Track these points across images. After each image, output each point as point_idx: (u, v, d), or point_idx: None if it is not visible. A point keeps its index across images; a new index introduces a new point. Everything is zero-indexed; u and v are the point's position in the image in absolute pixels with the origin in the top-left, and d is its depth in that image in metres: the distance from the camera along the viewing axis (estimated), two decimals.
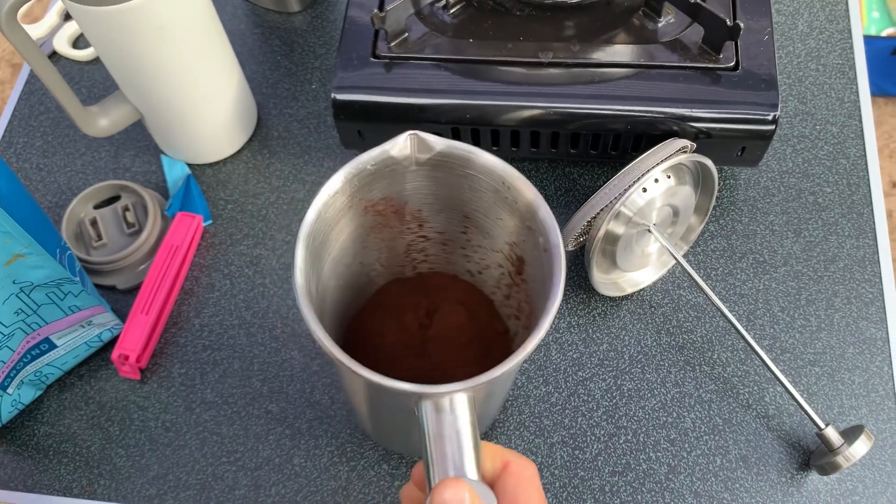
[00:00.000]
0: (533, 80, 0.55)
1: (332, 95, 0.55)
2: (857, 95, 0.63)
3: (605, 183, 0.51)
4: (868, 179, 0.60)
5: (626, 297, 0.57)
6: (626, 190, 0.50)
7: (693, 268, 0.57)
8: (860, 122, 0.62)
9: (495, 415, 0.53)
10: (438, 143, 0.39)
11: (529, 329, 0.35)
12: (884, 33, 1.46)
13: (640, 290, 0.57)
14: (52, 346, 0.52)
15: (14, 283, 0.46)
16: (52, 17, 0.71)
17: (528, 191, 0.38)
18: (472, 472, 0.32)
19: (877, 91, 1.50)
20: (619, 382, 0.54)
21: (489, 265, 0.47)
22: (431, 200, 0.43)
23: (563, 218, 0.59)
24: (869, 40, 1.44)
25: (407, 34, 0.57)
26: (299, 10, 0.70)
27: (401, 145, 0.39)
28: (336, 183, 0.38)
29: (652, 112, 0.53)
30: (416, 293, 0.50)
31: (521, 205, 0.39)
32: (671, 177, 0.51)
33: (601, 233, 0.51)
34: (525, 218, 0.39)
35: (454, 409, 0.33)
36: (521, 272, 0.43)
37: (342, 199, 0.39)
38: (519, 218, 0.40)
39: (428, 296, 0.50)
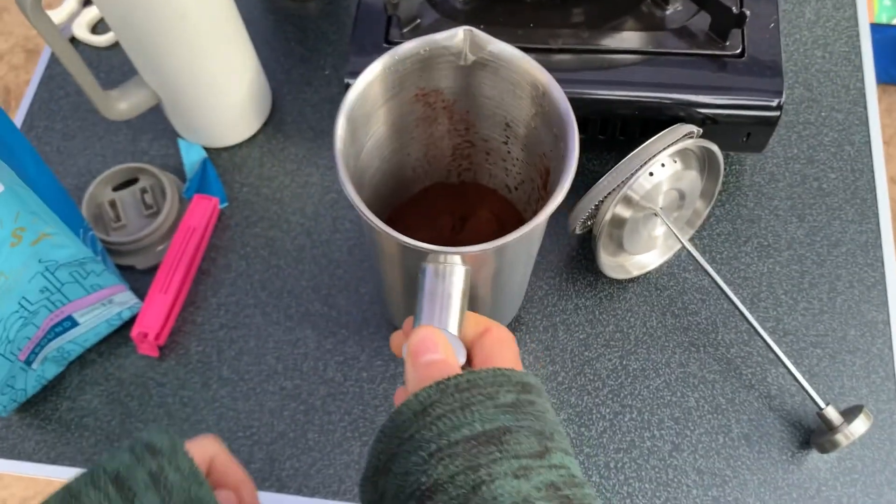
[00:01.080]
0: (543, 66, 0.56)
1: (345, 80, 0.56)
2: (863, 83, 0.64)
3: (613, 167, 0.52)
4: (872, 166, 0.61)
5: (632, 280, 0.58)
6: (633, 174, 0.51)
7: (698, 251, 0.58)
8: (865, 109, 0.63)
9: (513, 311, 0.55)
10: (491, 42, 0.41)
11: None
12: (894, 21, 1.45)
13: (646, 272, 0.58)
14: (75, 324, 0.54)
15: (40, 261, 0.48)
16: (72, 2, 0.73)
17: (555, 93, 0.41)
18: (453, 328, 0.37)
19: (888, 79, 1.50)
20: (624, 362, 0.56)
21: (524, 179, 0.49)
22: (479, 104, 0.46)
23: (572, 202, 0.60)
24: (879, 28, 1.44)
25: (419, 20, 0.58)
26: None
27: (454, 36, 0.41)
28: (387, 59, 0.41)
29: (659, 98, 0.54)
30: (454, 198, 0.54)
31: (549, 110, 0.41)
32: (678, 161, 0.53)
33: (608, 216, 0.52)
34: (552, 125, 0.41)
35: (449, 275, 0.37)
36: (546, 185, 0.46)
37: (392, 78, 0.42)
38: (548, 125, 0.42)
39: (465, 203, 0.54)
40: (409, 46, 0.41)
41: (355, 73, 0.56)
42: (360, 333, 0.58)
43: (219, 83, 0.59)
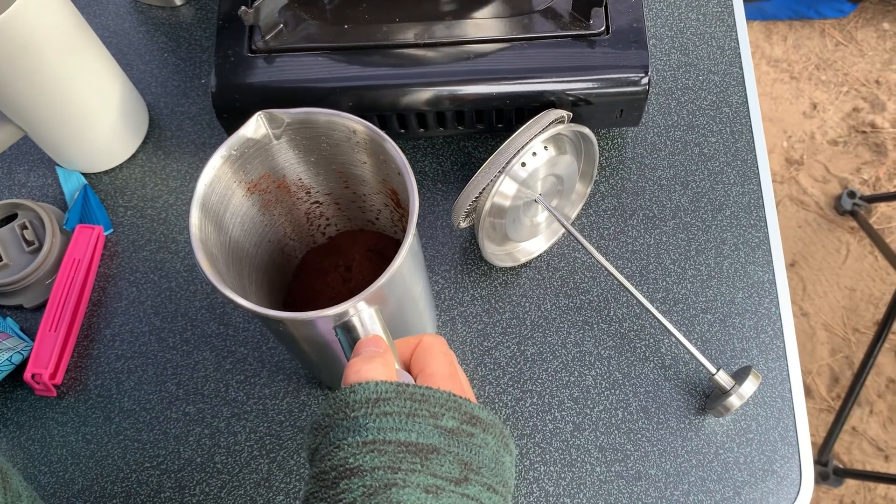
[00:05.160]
0: (410, 61, 0.55)
1: (212, 97, 0.55)
2: (738, 42, 0.64)
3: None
4: (750, 126, 0.62)
5: (525, 265, 0.59)
6: (504, 166, 0.51)
7: (584, 230, 0.59)
8: (741, 68, 0.64)
9: (433, 318, 0.56)
10: (286, 113, 0.42)
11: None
12: None
13: (536, 258, 0.58)
14: None
15: None
16: None
17: (363, 128, 0.42)
18: None
19: (793, 15, 1.52)
20: (522, 348, 0.56)
21: (380, 208, 0.50)
22: (305, 167, 0.47)
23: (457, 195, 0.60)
24: None
25: (282, 25, 0.56)
26: (182, 2, 0.69)
27: (254, 126, 0.42)
28: (209, 173, 0.41)
29: (528, 86, 0.54)
30: (331, 255, 0.55)
31: (367, 143, 0.43)
32: (550, 148, 0.53)
33: (486, 208, 0.52)
34: (376, 153, 0.43)
35: (364, 322, 0.38)
36: (398, 203, 0.47)
37: (223, 184, 0.42)
38: (373, 155, 0.43)
39: (341, 254, 0.55)
40: (219, 155, 0.41)
41: (221, 88, 0.55)
42: (259, 350, 0.57)
43: (84, 108, 0.57)
